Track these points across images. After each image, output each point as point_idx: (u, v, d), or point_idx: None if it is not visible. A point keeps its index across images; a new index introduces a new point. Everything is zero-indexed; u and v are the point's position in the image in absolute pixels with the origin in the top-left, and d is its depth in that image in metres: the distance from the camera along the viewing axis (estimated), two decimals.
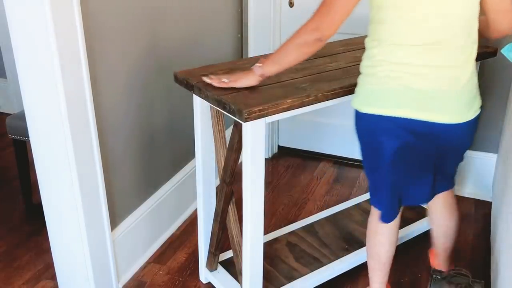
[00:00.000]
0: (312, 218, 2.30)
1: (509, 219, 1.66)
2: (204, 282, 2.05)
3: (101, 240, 1.87)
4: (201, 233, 1.97)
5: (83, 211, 1.75)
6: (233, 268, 1.92)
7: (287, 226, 2.25)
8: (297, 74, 1.72)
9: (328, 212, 2.35)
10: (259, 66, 1.56)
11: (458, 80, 1.45)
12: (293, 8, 2.77)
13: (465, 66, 1.46)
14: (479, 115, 1.55)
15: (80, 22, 1.58)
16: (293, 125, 3.05)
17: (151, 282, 2.06)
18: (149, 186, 2.19)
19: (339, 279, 2.02)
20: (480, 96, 1.57)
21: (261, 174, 1.58)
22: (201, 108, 1.76)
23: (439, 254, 1.92)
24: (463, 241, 2.25)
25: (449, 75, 1.44)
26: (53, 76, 1.55)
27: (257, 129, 1.52)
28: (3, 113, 3.52)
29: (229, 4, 2.71)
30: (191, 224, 2.42)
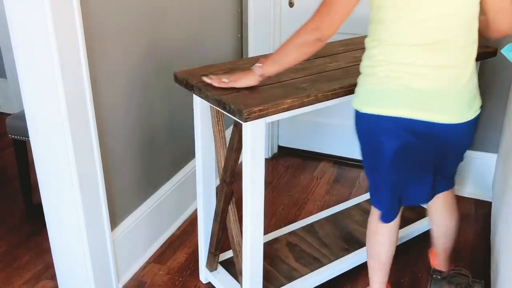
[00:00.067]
0: (312, 218, 2.30)
1: (509, 219, 1.66)
2: (204, 282, 2.05)
3: (101, 240, 1.87)
4: (201, 233, 1.97)
5: (83, 211, 1.75)
6: (233, 268, 1.92)
7: (287, 226, 2.25)
8: (297, 74, 1.72)
9: (328, 212, 2.35)
10: (259, 66, 1.56)
11: (458, 80, 1.45)
12: (293, 8, 2.77)
13: (465, 66, 1.46)
14: (479, 115, 1.54)
15: (80, 22, 1.58)
16: (293, 125, 3.05)
17: (151, 282, 2.06)
18: (149, 186, 2.19)
19: (339, 279, 2.02)
20: (480, 96, 1.57)
21: (261, 174, 1.58)
22: (201, 108, 1.76)
23: (439, 254, 1.92)
24: (463, 241, 2.25)
25: (449, 75, 1.44)
26: (53, 76, 1.55)
27: (257, 129, 1.52)
28: (3, 113, 3.52)
29: (229, 4, 2.71)
30: (191, 224, 2.42)
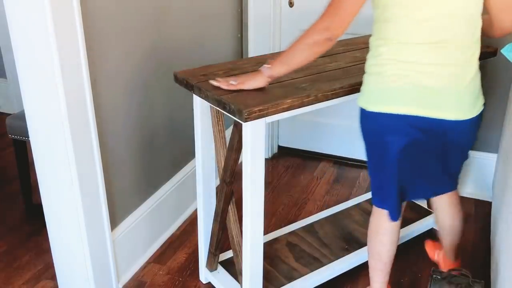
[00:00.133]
0: (312, 218, 2.30)
1: (509, 219, 1.66)
2: (204, 282, 2.05)
3: (101, 240, 1.87)
4: (201, 233, 1.97)
5: (83, 211, 1.75)
6: (233, 268, 1.92)
7: (287, 226, 2.25)
8: (297, 74, 1.72)
9: (328, 212, 2.35)
10: (268, 67, 1.55)
11: (464, 78, 1.48)
12: (293, 8, 2.77)
13: (470, 64, 1.49)
14: (483, 112, 1.57)
15: (80, 22, 1.58)
16: (293, 125, 3.05)
17: (151, 282, 2.06)
18: (149, 186, 2.19)
19: (339, 279, 2.02)
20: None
21: (261, 174, 1.58)
22: (201, 108, 1.76)
23: (447, 250, 1.97)
24: (463, 241, 2.24)
25: (455, 73, 1.46)
26: (53, 76, 1.55)
27: (257, 129, 1.52)
28: (3, 113, 3.52)
29: (229, 4, 2.71)
30: (191, 224, 2.42)
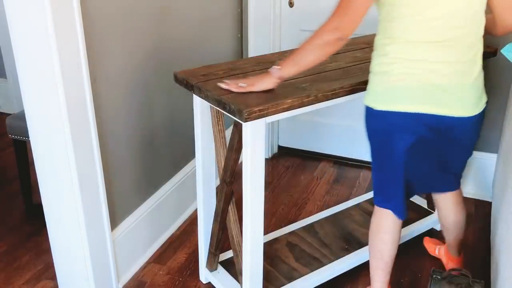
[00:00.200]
0: (312, 218, 2.30)
1: (509, 219, 1.66)
2: (204, 282, 2.05)
3: (101, 240, 1.87)
4: (201, 233, 1.97)
5: (83, 211, 1.75)
6: (233, 268, 1.92)
7: (287, 226, 2.25)
8: (297, 74, 1.72)
9: (328, 212, 2.35)
10: (278, 69, 1.55)
11: (470, 75, 1.50)
12: (293, 8, 2.77)
13: (475, 61, 1.51)
14: (485, 109, 1.60)
15: (80, 22, 1.58)
16: (293, 125, 3.05)
17: (151, 282, 2.06)
18: (149, 186, 2.19)
19: (339, 279, 2.02)
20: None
21: (261, 174, 1.58)
22: (201, 108, 1.76)
23: (451, 246, 2.00)
24: (463, 241, 2.25)
25: (461, 70, 1.48)
26: (53, 76, 1.55)
27: (257, 129, 1.52)
28: (3, 113, 3.52)
29: (229, 5, 2.71)
30: (191, 224, 2.42)
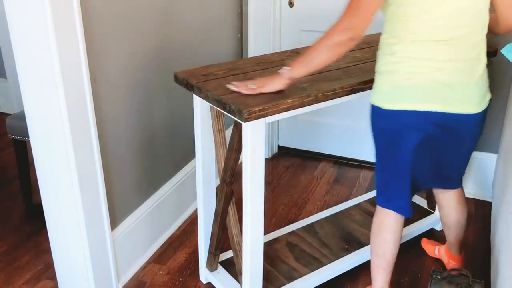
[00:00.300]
0: (312, 218, 2.30)
1: (509, 219, 1.66)
2: (204, 282, 2.05)
3: (101, 240, 1.87)
4: (201, 233, 1.97)
5: (83, 211, 1.75)
6: (233, 268, 1.92)
7: (287, 226, 2.25)
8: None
9: (328, 212, 2.35)
10: (288, 70, 1.54)
11: (475, 72, 1.52)
12: (293, 8, 2.77)
13: (480, 59, 1.53)
14: (489, 106, 1.61)
15: (80, 22, 1.58)
16: (293, 125, 3.05)
17: (151, 282, 2.06)
18: (149, 186, 2.19)
19: (339, 279, 2.02)
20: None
21: (261, 174, 1.58)
22: (201, 108, 1.76)
23: (453, 245, 2.02)
24: (463, 241, 2.25)
25: (468, 68, 1.50)
26: (53, 76, 1.55)
27: (257, 129, 1.52)
28: (3, 113, 3.52)
29: (229, 5, 2.71)
30: (191, 224, 2.42)
